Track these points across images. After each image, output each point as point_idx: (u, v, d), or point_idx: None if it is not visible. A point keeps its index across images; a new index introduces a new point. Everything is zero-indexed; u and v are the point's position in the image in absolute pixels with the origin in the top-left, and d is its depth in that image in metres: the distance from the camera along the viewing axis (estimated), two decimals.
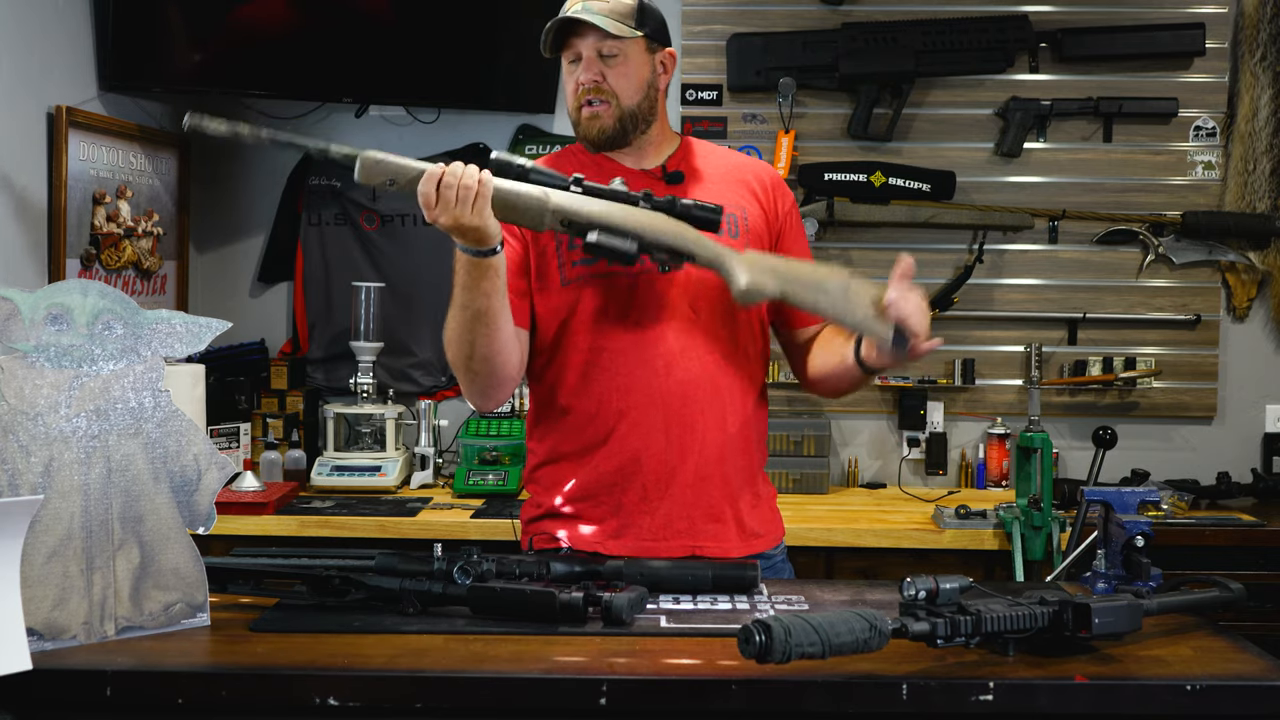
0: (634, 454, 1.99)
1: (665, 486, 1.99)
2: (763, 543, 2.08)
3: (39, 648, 1.53)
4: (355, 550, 1.81)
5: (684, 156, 2.10)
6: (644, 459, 1.99)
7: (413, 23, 3.41)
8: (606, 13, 1.96)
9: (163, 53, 3.32)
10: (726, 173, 2.11)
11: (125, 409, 1.63)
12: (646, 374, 1.98)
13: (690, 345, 2.00)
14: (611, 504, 2.01)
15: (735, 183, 2.10)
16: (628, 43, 1.98)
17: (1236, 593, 1.77)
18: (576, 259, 2.00)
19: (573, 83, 2.02)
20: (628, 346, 1.99)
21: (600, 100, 2.00)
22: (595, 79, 1.99)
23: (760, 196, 2.11)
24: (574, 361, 2.02)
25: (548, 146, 3.67)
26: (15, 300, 1.58)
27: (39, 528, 1.55)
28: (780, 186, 2.15)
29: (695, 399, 1.99)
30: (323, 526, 3.00)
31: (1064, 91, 3.57)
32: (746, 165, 2.17)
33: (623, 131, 2.03)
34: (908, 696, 1.43)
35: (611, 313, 2.00)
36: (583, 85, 2.00)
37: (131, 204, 3.33)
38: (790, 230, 2.14)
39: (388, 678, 1.46)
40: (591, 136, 2.03)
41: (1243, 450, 3.62)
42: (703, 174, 2.09)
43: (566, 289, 2.01)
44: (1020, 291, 3.62)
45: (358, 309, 3.46)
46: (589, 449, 2.02)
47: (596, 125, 2.02)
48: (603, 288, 2.00)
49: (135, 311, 1.64)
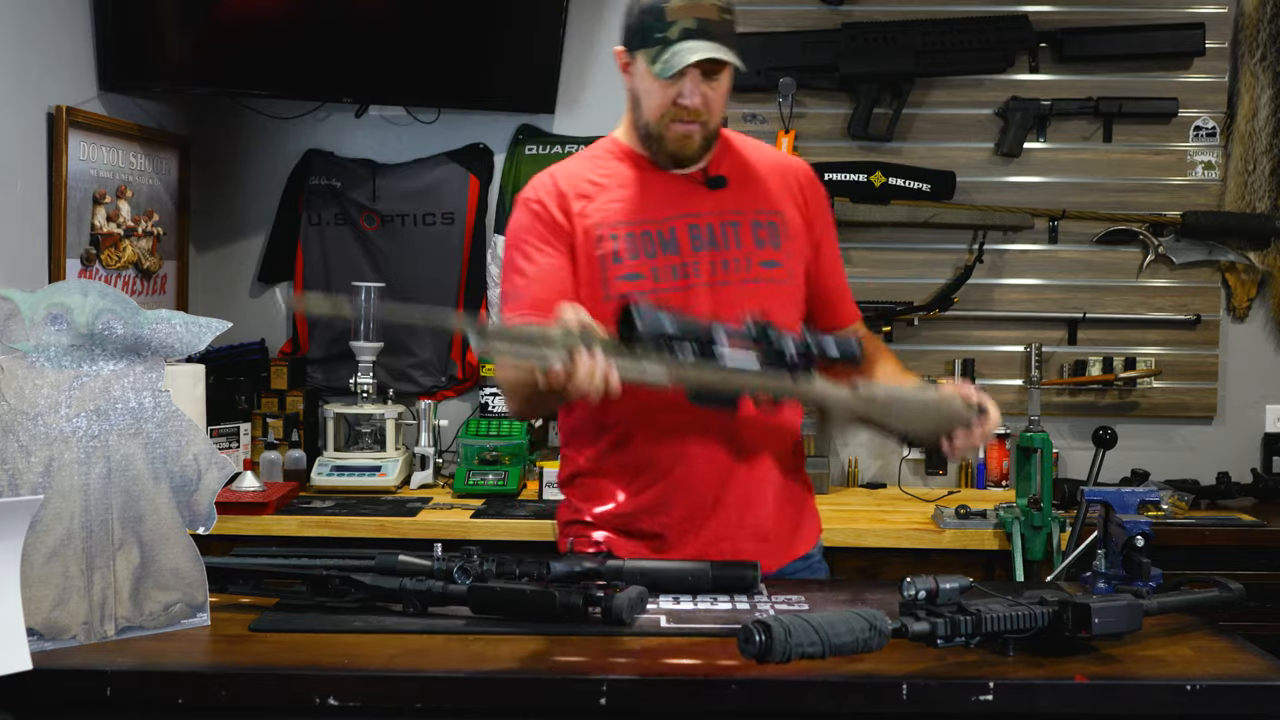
0: (679, 479, 1.97)
1: (711, 510, 1.98)
2: (803, 546, 2.08)
3: (39, 648, 1.53)
4: (355, 550, 1.81)
5: (723, 157, 2.06)
6: (689, 483, 1.97)
7: (413, 23, 3.41)
8: (723, 37, 1.89)
9: (163, 53, 3.32)
10: (765, 173, 2.08)
11: (125, 409, 1.63)
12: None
13: None
14: (654, 524, 2.00)
15: (774, 184, 2.07)
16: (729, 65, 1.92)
17: (1236, 593, 1.77)
18: (622, 273, 1.97)
19: (667, 98, 1.93)
20: None
21: (696, 120, 1.94)
22: (702, 101, 1.92)
23: (798, 199, 2.09)
24: None
25: (548, 147, 3.67)
26: (15, 300, 1.58)
27: (39, 528, 1.55)
28: (815, 186, 2.13)
29: (745, 422, 1.96)
30: (323, 526, 3.00)
31: (1064, 91, 3.57)
32: (783, 164, 2.13)
33: (706, 150, 2.00)
34: (908, 696, 1.43)
35: None
36: (689, 107, 1.92)
37: (131, 204, 3.33)
38: (826, 237, 2.12)
39: (388, 678, 1.46)
40: (682, 155, 1.98)
41: (1243, 450, 3.62)
42: (743, 176, 2.05)
43: (610, 305, 1.94)
44: (1020, 291, 3.62)
45: (358, 309, 3.46)
46: (631, 469, 2.00)
47: (690, 145, 1.96)
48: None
49: (135, 311, 1.64)
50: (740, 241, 2.01)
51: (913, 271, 3.61)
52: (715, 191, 2.02)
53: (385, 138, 3.73)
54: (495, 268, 3.66)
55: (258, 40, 3.36)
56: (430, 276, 3.67)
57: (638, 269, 1.97)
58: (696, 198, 2.01)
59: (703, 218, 2.00)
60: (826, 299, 2.13)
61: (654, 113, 1.95)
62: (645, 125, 1.98)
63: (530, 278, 1.98)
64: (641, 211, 2.00)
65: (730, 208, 2.02)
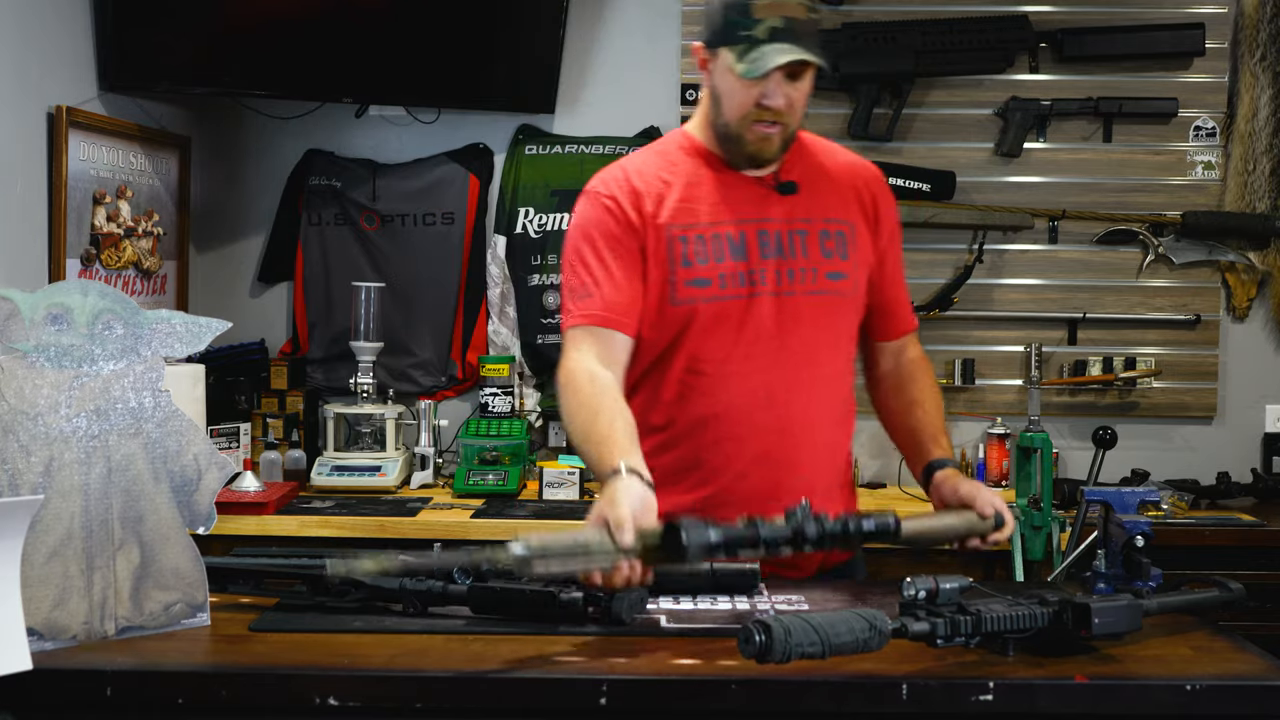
0: (726, 486, 1.95)
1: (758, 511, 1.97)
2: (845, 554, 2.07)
3: (39, 648, 1.53)
4: (355, 550, 1.80)
5: (796, 160, 2.01)
6: (737, 492, 1.94)
7: (413, 22, 3.41)
8: (809, 36, 1.86)
9: (163, 53, 3.32)
10: (837, 179, 2.04)
11: (125, 409, 1.63)
12: (748, 407, 1.94)
13: (796, 382, 1.95)
14: None
15: (845, 191, 2.04)
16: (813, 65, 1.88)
17: (1236, 593, 1.77)
18: (691, 278, 1.94)
19: (750, 98, 1.88)
20: (732, 374, 1.94)
21: (778, 122, 1.90)
22: (786, 104, 1.88)
23: (868, 207, 2.05)
24: (672, 380, 1.97)
25: (548, 147, 3.67)
26: (15, 300, 1.58)
27: (39, 528, 1.55)
28: (885, 193, 2.09)
29: (796, 437, 1.95)
30: (323, 526, 3.00)
31: (1064, 91, 3.57)
32: (854, 169, 2.08)
33: (783, 151, 1.96)
34: (908, 696, 1.43)
35: (720, 339, 1.94)
36: (773, 107, 1.87)
37: (131, 204, 3.33)
38: (892, 246, 2.09)
39: (388, 678, 1.46)
40: (761, 156, 1.94)
41: (1243, 450, 3.62)
42: (814, 182, 2.01)
43: (677, 308, 1.95)
44: (1020, 291, 3.62)
45: (358, 309, 3.46)
46: (679, 472, 1.97)
47: (769, 147, 1.93)
48: (714, 313, 1.94)
49: (135, 311, 1.64)
50: (807, 251, 1.97)
51: (913, 271, 3.56)
52: (786, 197, 1.98)
53: (385, 138, 3.73)
54: (495, 268, 3.66)
55: (258, 40, 3.36)
56: (430, 276, 3.67)
57: (706, 274, 1.94)
58: (767, 203, 1.98)
59: (772, 224, 1.97)
60: (885, 308, 2.10)
61: (735, 112, 1.91)
62: (725, 125, 1.94)
63: (600, 278, 1.93)
64: (712, 214, 1.96)
65: (800, 215, 1.98)
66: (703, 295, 1.93)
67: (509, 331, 3.69)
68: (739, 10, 1.86)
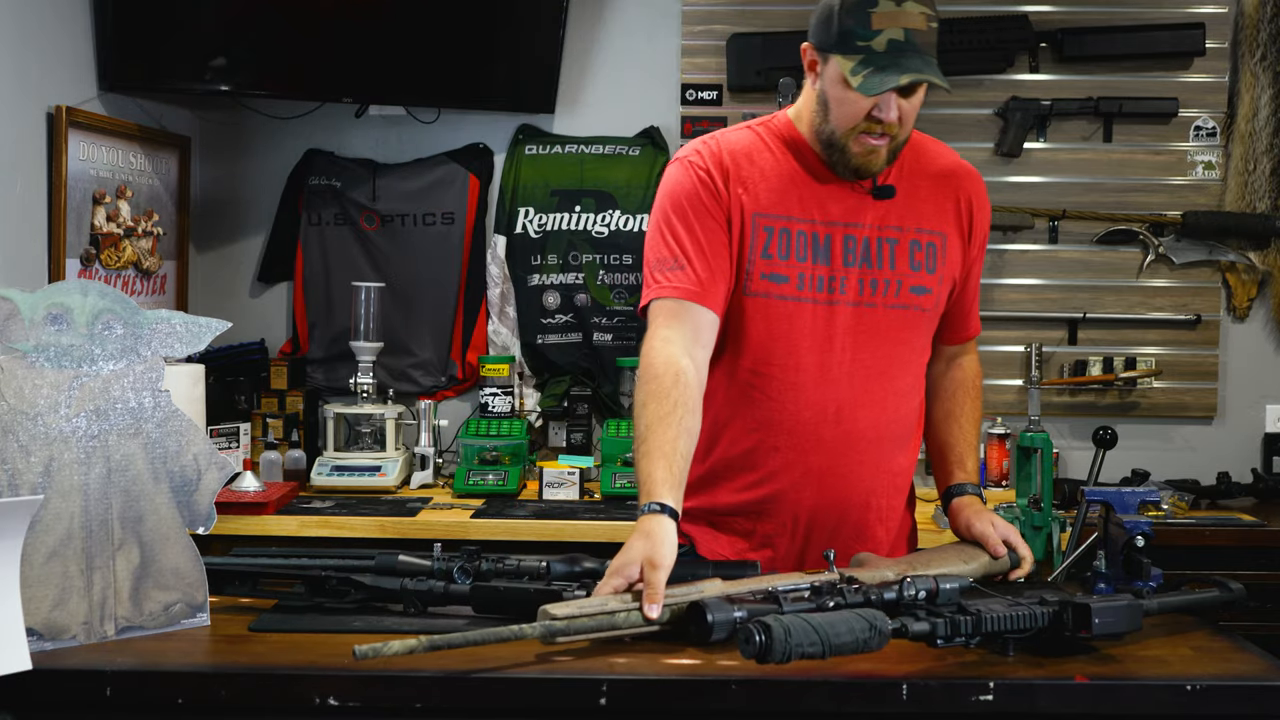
0: (779, 494, 1.92)
1: (812, 527, 1.93)
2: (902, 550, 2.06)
3: (39, 648, 1.52)
4: (355, 550, 1.81)
5: (897, 162, 1.92)
6: (789, 502, 1.92)
7: (413, 22, 3.41)
8: (929, 50, 1.80)
9: (162, 52, 3.32)
10: (935, 185, 1.96)
11: (125, 409, 1.63)
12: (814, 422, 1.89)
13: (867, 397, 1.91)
14: (748, 526, 1.95)
15: (943, 200, 1.96)
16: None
17: (1236, 593, 1.77)
18: (768, 271, 1.87)
19: (861, 109, 1.80)
20: (803, 385, 1.89)
21: (887, 135, 1.82)
22: (899, 117, 1.81)
23: (963, 218, 1.98)
24: (735, 377, 1.91)
25: (548, 146, 3.67)
26: (15, 300, 1.58)
27: (39, 528, 1.55)
28: (983, 201, 2.01)
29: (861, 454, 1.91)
30: (323, 526, 3.00)
31: (1064, 91, 3.57)
32: (955, 175, 2.00)
33: (889, 164, 1.88)
34: (908, 696, 1.43)
35: (791, 343, 1.88)
36: (884, 122, 1.80)
37: (131, 204, 3.33)
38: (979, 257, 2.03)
39: (388, 678, 1.46)
40: (867, 170, 1.86)
41: (1243, 450, 3.62)
42: (912, 188, 1.93)
43: (750, 299, 1.88)
44: (1020, 291, 3.62)
45: (358, 309, 3.46)
46: (733, 469, 1.93)
47: (876, 161, 1.84)
48: (787, 313, 1.88)
49: (135, 311, 1.64)
50: (894, 261, 1.91)
51: None
52: (880, 201, 1.90)
53: (385, 137, 3.73)
54: (495, 268, 3.66)
55: (258, 40, 3.36)
56: (430, 276, 3.67)
57: (785, 271, 1.88)
58: (860, 206, 1.90)
59: (861, 229, 1.90)
60: (956, 315, 2.04)
61: (844, 123, 1.82)
62: (830, 133, 1.85)
63: (692, 252, 1.85)
64: (802, 209, 1.89)
65: (892, 222, 1.91)
66: (777, 291, 1.87)
67: (509, 331, 3.69)
68: (857, 19, 1.77)
